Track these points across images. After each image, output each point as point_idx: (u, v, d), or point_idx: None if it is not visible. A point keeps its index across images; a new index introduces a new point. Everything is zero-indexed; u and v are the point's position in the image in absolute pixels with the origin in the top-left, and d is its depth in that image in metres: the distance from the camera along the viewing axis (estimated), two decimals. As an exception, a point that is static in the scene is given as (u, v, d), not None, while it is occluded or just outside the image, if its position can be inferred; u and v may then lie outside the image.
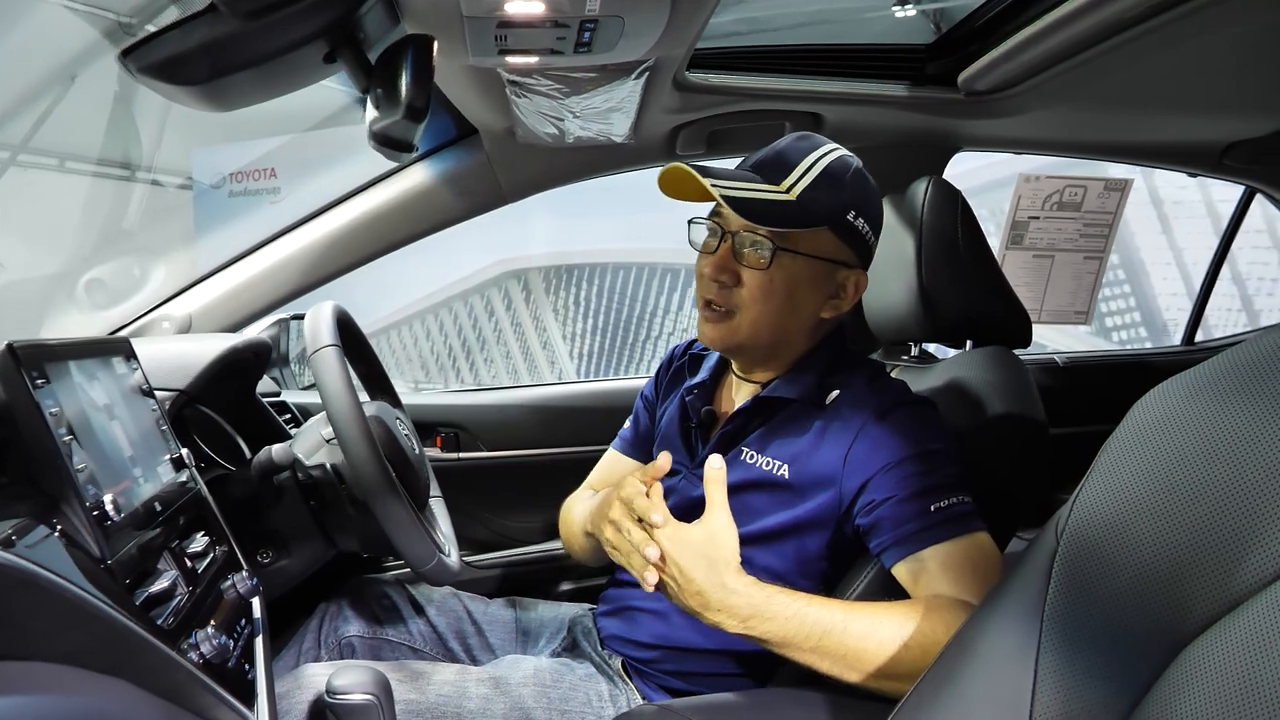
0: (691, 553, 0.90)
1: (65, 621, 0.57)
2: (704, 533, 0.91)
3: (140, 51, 0.73)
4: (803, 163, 1.06)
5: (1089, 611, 0.65)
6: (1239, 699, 0.50)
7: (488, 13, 0.83)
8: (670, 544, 0.91)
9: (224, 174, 1.85)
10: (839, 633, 0.90)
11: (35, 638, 0.55)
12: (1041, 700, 0.66)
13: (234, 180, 1.83)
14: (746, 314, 1.07)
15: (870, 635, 0.89)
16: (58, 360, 0.70)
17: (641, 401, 1.37)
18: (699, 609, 0.91)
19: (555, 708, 1.10)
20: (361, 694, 0.85)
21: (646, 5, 0.86)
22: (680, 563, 0.90)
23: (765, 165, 1.07)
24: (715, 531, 0.91)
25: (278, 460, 1.12)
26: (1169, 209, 7.70)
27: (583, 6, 0.83)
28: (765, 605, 0.90)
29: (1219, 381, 0.62)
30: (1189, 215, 7.12)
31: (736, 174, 1.06)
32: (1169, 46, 1.23)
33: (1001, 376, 1.19)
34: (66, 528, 0.62)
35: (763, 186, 1.04)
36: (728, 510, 0.92)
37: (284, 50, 0.76)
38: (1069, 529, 0.69)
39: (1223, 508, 0.55)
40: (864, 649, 0.89)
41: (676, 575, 0.91)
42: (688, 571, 0.90)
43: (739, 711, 0.94)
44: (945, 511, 0.96)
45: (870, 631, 0.90)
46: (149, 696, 0.62)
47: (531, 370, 14.47)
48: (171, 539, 0.82)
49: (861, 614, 0.92)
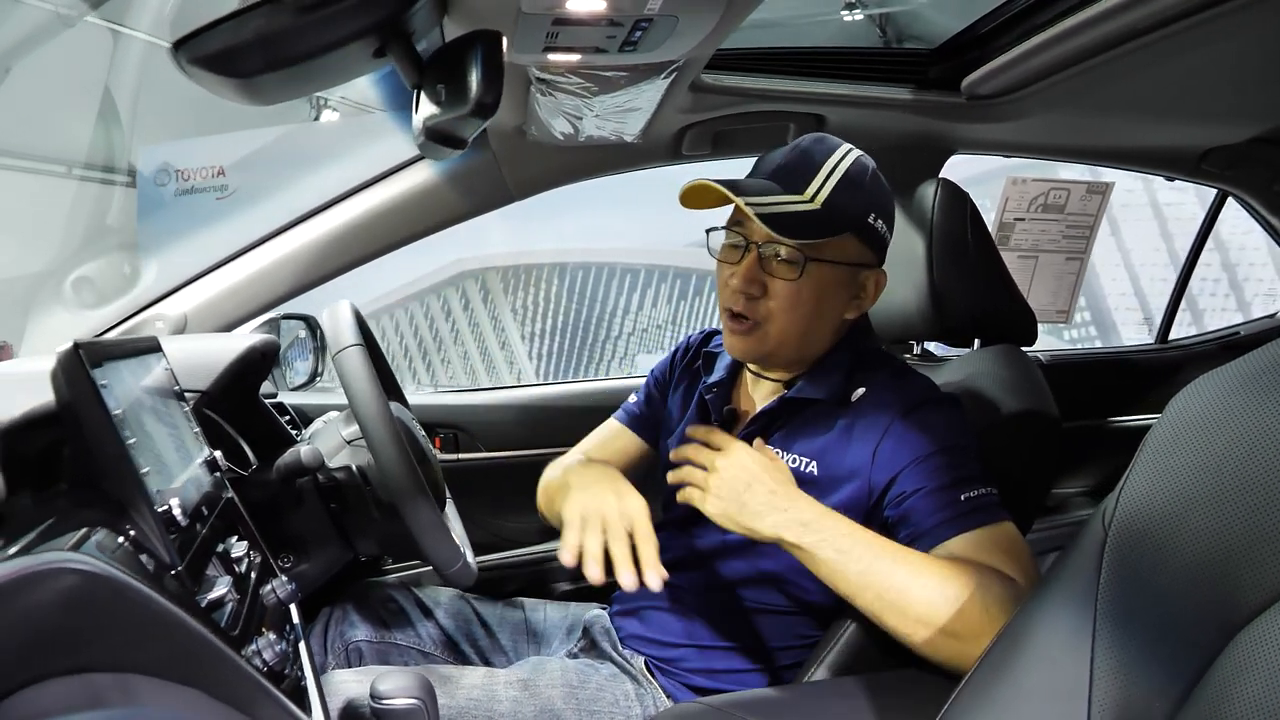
0: (768, 464, 0.98)
1: (147, 631, 0.55)
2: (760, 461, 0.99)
3: (194, 43, 0.71)
4: (824, 168, 1.05)
5: (1142, 600, 0.67)
6: None
7: (547, 9, 0.83)
8: (749, 455, 0.98)
9: (172, 171, 1.80)
10: (886, 566, 0.92)
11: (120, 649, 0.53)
12: (1100, 688, 0.68)
13: (181, 178, 1.79)
14: (775, 324, 1.07)
15: (914, 581, 0.91)
16: (113, 360, 0.67)
17: (653, 381, 1.36)
18: (764, 508, 0.95)
19: (584, 708, 1.09)
20: (407, 698, 0.84)
21: (704, 4, 0.86)
22: (757, 468, 0.97)
23: (786, 172, 1.06)
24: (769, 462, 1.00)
25: (306, 462, 1.09)
26: (1118, 212, 7.95)
27: (643, 5, 0.83)
28: (827, 516, 0.96)
29: (1261, 376, 0.64)
30: (1136, 218, 7.38)
31: (761, 185, 1.05)
32: (1166, 58, 1.27)
33: (1014, 374, 1.22)
34: (137, 534, 0.60)
35: (790, 198, 1.03)
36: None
37: (339, 44, 0.74)
38: (1117, 520, 0.71)
39: (1270, 497, 0.57)
40: (906, 591, 0.91)
41: (749, 478, 0.97)
42: (764, 475, 0.97)
43: (782, 706, 0.95)
44: (975, 501, 0.98)
45: (914, 578, 0.91)
46: (222, 707, 0.61)
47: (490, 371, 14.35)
48: (215, 545, 0.79)
49: (909, 558, 0.94)
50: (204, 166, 1.73)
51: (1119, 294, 7.92)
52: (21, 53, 1.78)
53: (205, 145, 1.78)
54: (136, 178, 1.81)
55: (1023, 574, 0.93)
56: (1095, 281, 7.94)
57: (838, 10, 1.59)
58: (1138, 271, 7.69)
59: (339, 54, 0.77)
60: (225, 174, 1.73)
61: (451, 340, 15.90)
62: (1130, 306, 8.69)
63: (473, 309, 15.71)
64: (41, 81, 1.87)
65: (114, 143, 1.91)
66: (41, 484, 0.65)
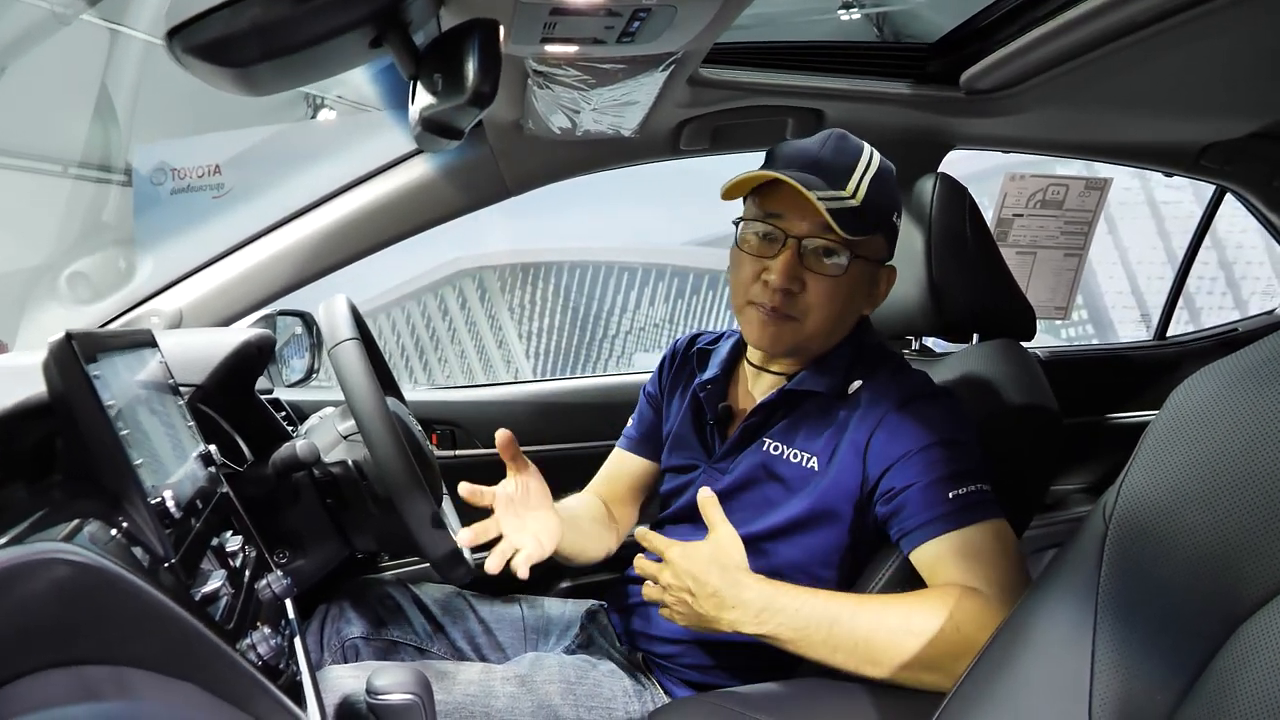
0: (703, 562, 0.96)
1: (140, 624, 0.55)
2: (711, 545, 0.98)
3: (187, 32, 0.70)
4: (859, 165, 1.06)
5: (1144, 593, 0.67)
6: None
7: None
8: (683, 560, 0.97)
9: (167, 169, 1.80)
10: (848, 622, 0.92)
11: (113, 641, 0.53)
12: (1101, 680, 0.68)
13: (177, 177, 1.78)
14: (812, 319, 1.07)
15: (879, 625, 0.92)
16: (106, 351, 0.67)
17: (645, 398, 1.37)
18: (715, 611, 0.94)
19: (582, 704, 1.09)
20: (403, 694, 0.84)
21: (703, -5, 0.86)
22: (694, 572, 0.96)
23: (822, 167, 1.05)
24: (721, 541, 0.98)
25: (302, 457, 1.08)
26: (1115, 209, 7.97)
27: None
28: (776, 597, 0.94)
29: (1259, 369, 0.64)
30: (1134, 216, 7.39)
31: (810, 180, 1.03)
32: (1163, 53, 1.27)
33: (1014, 369, 1.22)
34: (131, 527, 0.60)
35: (839, 193, 1.03)
36: (729, 525, 0.99)
37: (335, 33, 0.73)
38: (1117, 514, 0.71)
39: (1269, 490, 0.57)
40: (873, 638, 0.91)
41: (691, 585, 0.96)
42: (701, 578, 0.95)
43: (781, 700, 0.95)
44: (963, 499, 0.98)
45: (879, 622, 0.92)
46: (217, 701, 0.60)
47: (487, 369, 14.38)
48: (210, 539, 0.79)
49: (869, 604, 0.95)
50: (200, 165, 1.73)
51: (1116, 291, 7.94)
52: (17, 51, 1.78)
53: (202, 143, 1.77)
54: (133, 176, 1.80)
55: (992, 581, 0.94)
56: (1091, 280, 7.96)
57: (835, 8, 1.59)
58: (1135, 269, 7.71)
59: (335, 44, 0.76)
60: (221, 172, 1.73)
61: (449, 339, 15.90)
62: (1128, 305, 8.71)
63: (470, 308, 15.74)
64: (38, 80, 1.87)
65: (110, 141, 1.91)
66: (35, 475, 0.64)
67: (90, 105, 1.85)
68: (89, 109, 1.86)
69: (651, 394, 1.36)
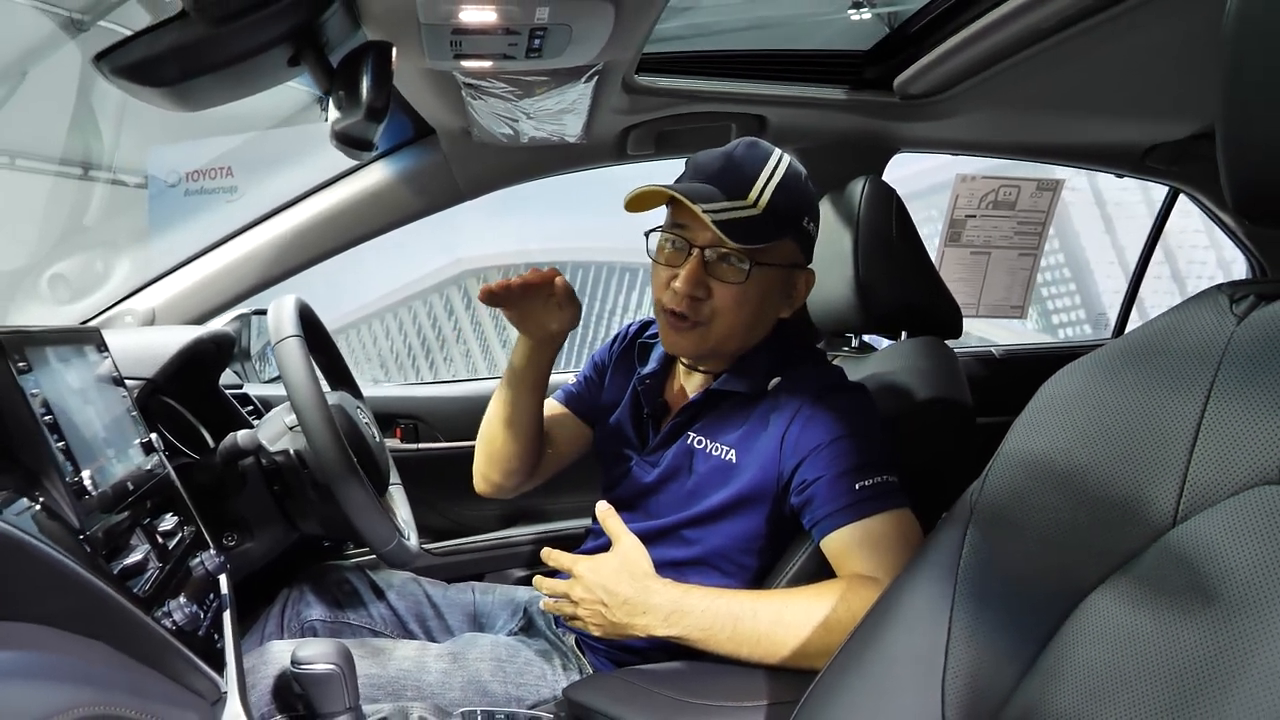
0: (612, 573, 1.03)
1: (48, 586, 0.61)
2: (619, 556, 1.04)
3: (114, 55, 0.77)
4: (762, 173, 1.08)
5: (997, 571, 0.72)
6: (1125, 643, 0.58)
7: (443, 20, 0.88)
8: (592, 574, 1.03)
9: (181, 172, 1.86)
10: (749, 619, 0.98)
11: (21, 600, 0.59)
12: (954, 653, 0.72)
13: (190, 179, 1.85)
14: (719, 324, 1.10)
15: (779, 620, 0.98)
16: (37, 346, 0.74)
17: (592, 366, 1.39)
18: (627, 618, 1.00)
19: (511, 680, 1.15)
20: (325, 664, 0.90)
21: (591, 14, 0.91)
22: (604, 584, 1.02)
23: (724, 177, 1.08)
24: (627, 551, 1.05)
25: (243, 445, 1.15)
26: (1111, 210, 7.96)
27: (531, 15, 0.88)
28: (683, 599, 1.00)
29: (1113, 362, 0.69)
30: (1130, 215, 7.38)
31: (705, 190, 1.07)
32: (1089, 52, 1.29)
33: (933, 365, 1.27)
34: (47, 500, 0.66)
35: (738, 204, 1.05)
36: (631, 535, 1.06)
37: (251, 54, 0.80)
38: (981, 498, 0.76)
39: (1115, 474, 0.63)
40: (774, 632, 0.97)
41: (603, 596, 1.02)
42: (612, 588, 1.01)
43: (686, 677, 1.00)
44: (870, 489, 1.03)
45: (778, 616, 0.98)
46: (126, 659, 0.67)
47: (492, 368, 14.39)
48: (143, 518, 0.86)
49: (770, 600, 1.01)
50: (212, 166, 1.79)
51: (1113, 291, 7.95)
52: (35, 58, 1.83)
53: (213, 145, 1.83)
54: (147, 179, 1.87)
55: (890, 569, 0.97)
56: (1088, 279, 7.96)
57: (845, 9, 1.62)
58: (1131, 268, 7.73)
59: (254, 63, 0.82)
60: (233, 174, 1.79)
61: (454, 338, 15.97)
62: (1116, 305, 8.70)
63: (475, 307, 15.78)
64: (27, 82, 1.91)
65: (92, 141, 1.96)
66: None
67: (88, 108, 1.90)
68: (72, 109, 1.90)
69: (598, 363, 1.39)
